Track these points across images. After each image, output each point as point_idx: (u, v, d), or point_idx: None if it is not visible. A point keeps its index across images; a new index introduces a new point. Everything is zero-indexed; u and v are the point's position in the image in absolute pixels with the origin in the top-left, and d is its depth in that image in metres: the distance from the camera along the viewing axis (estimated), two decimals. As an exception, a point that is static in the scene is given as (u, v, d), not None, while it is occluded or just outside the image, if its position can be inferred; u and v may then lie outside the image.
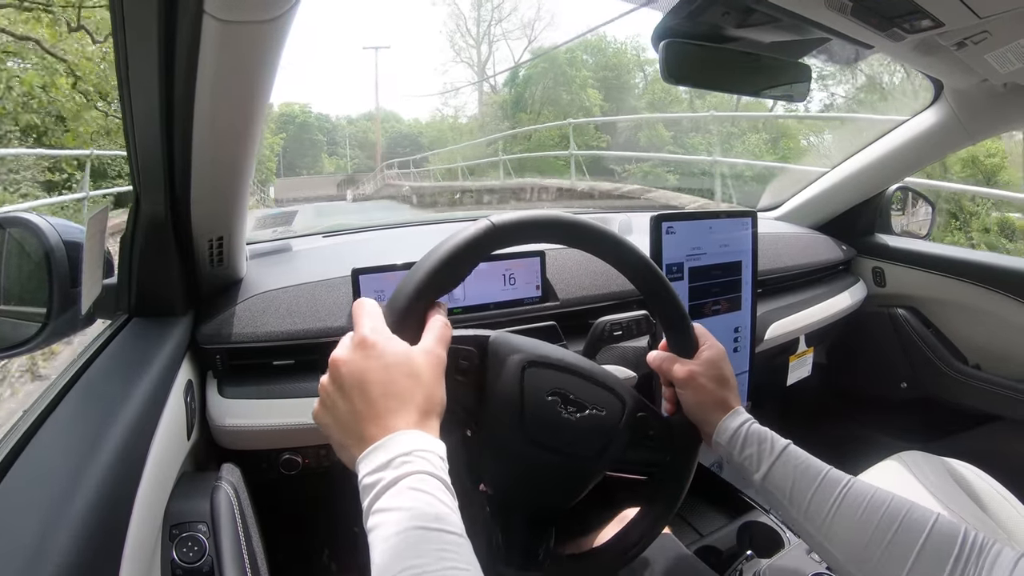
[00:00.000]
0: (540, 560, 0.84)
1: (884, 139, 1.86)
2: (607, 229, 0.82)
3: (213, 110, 0.79)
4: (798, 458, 0.82)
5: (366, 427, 0.60)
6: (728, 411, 0.87)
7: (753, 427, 0.86)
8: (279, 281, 1.20)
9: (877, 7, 0.94)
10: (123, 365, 0.88)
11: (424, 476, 0.56)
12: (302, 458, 1.14)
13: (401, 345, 0.65)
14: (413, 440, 0.59)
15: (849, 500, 0.75)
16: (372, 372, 0.62)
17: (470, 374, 0.78)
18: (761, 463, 0.82)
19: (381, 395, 0.61)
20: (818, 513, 0.77)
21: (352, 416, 0.62)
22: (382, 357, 0.63)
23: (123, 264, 1.00)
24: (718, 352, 0.91)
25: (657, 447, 0.89)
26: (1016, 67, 1.19)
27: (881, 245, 2.08)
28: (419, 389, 0.63)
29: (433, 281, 0.70)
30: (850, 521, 0.74)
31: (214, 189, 0.95)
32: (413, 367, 0.64)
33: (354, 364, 0.63)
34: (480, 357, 0.79)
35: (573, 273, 1.36)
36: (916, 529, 0.70)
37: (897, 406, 2.10)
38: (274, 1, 0.66)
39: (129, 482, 0.72)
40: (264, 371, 1.11)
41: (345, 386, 0.63)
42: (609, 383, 0.85)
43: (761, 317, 1.52)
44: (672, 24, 1.09)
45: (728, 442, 0.86)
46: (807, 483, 0.79)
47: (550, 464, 0.80)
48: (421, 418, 0.61)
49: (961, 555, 0.66)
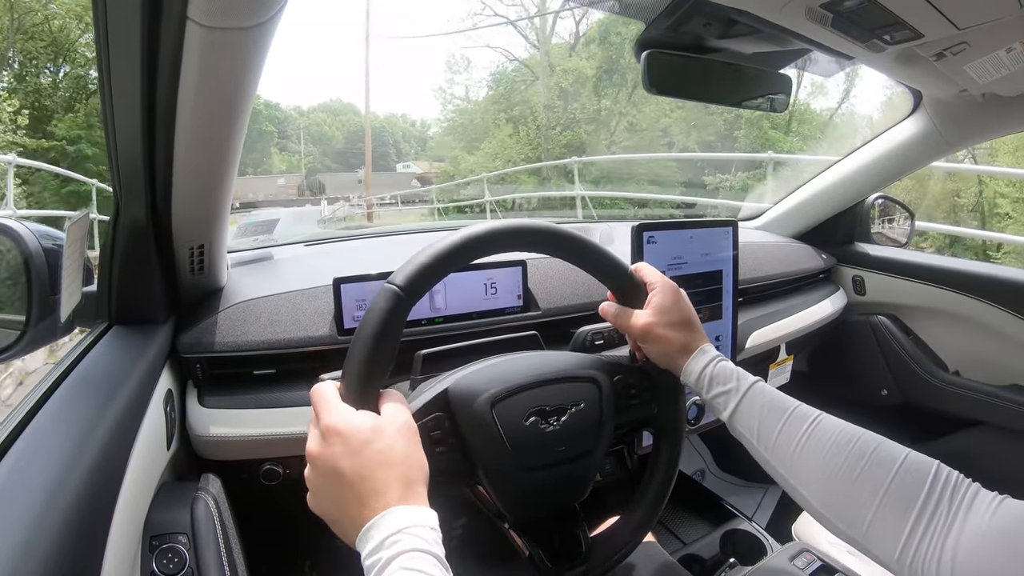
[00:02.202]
0: (584, 552, 0.85)
1: (864, 149, 1.89)
2: (515, 224, 0.80)
3: (195, 116, 0.78)
4: (765, 394, 0.80)
5: (354, 511, 0.60)
6: (692, 352, 0.86)
7: (719, 366, 0.84)
8: (260, 290, 1.19)
9: (857, 19, 0.96)
10: (102, 374, 0.87)
11: (415, 554, 0.56)
12: (283, 468, 1.13)
13: (367, 421, 0.65)
14: (400, 518, 0.58)
15: (817, 435, 0.74)
16: (342, 459, 0.62)
17: (447, 440, 0.77)
18: (729, 402, 0.81)
19: (358, 480, 0.61)
20: (785, 448, 0.75)
21: (339, 504, 0.62)
22: (349, 442, 0.63)
23: (103, 271, 0.99)
24: (670, 293, 0.89)
25: (643, 402, 0.90)
26: (994, 77, 1.21)
27: (861, 254, 2.10)
28: (395, 461, 0.63)
29: (371, 368, 0.69)
30: (817, 456, 0.72)
31: (195, 196, 0.94)
32: (385, 441, 0.64)
33: (325, 456, 0.63)
34: (448, 418, 0.78)
35: (555, 282, 1.36)
36: (885, 464, 0.67)
37: (878, 413, 2.11)
38: (258, 8, 0.66)
39: (108, 493, 0.71)
40: (245, 380, 1.10)
41: (324, 478, 0.63)
42: (575, 373, 0.85)
43: (742, 326, 1.52)
44: (654, 35, 1.10)
45: (695, 383, 0.84)
46: (774, 419, 0.77)
47: (555, 478, 0.80)
48: (405, 491, 0.61)
49: (933, 491, 0.63)
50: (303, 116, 52.74)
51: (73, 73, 16.56)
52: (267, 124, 45.01)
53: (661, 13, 1.05)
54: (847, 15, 0.94)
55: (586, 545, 0.86)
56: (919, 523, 0.62)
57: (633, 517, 0.90)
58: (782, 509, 2.15)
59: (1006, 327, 1.76)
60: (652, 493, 0.91)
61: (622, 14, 1.21)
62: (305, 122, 51.67)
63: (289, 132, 50.46)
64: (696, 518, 1.84)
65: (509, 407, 0.79)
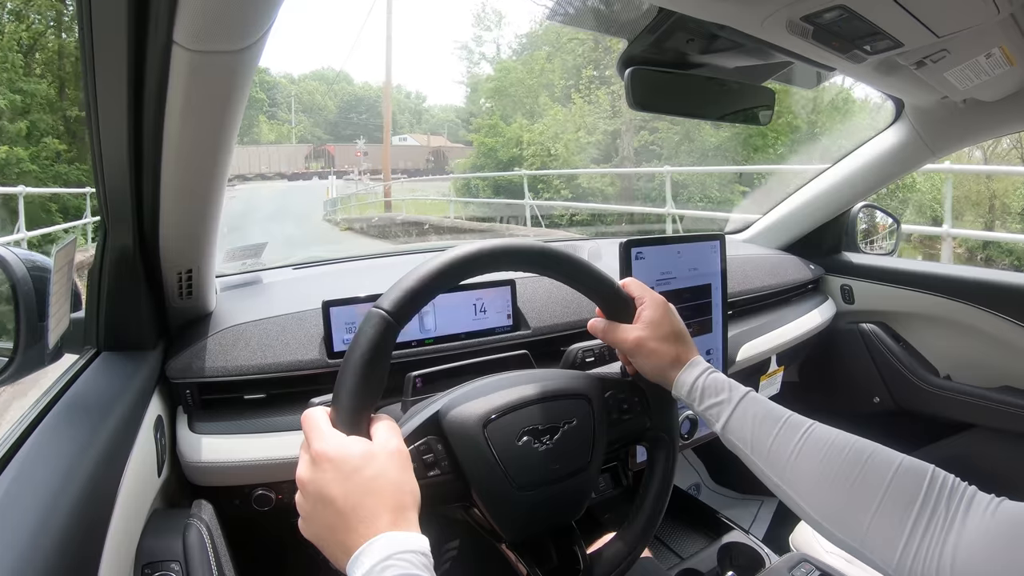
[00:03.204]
0: (582, 569, 0.85)
1: (848, 159, 1.91)
2: (501, 244, 0.80)
3: (182, 140, 0.78)
4: (758, 405, 0.80)
5: (345, 538, 0.60)
6: (683, 365, 0.86)
7: (711, 378, 0.84)
8: (249, 314, 1.18)
9: (837, 30, 0.97)
10: (91, 401, 0.86)
11: None
12: (276, 494, 1.12)
13: (358, 446, 0.64)
14: (390, 544, 0.58)
15: (811, 443, 0.74)
16: (333, 486, 0.62)
17: (440, 462, 0.77)
18: (721, 413, 0.81)
19: (348, 507, 0.61)
20: (779, 458, 0.75)
21: (329, 530, 0.62)
22: (341, 467, 0.62)
23: (91, 297, 0.98)
24: (659, 307, 0.89)
25: (635, 416, 0.90)
26: (975, 83, 1.22)
27: (848, 263, 2.11)
28: (386, 487, 0.62)
29: (361, 394, 0.68)
30: (812, 464, 0.72)
31: (183, 221, 0.94)
32: (376, 468, 0.63)
33: (316, 482, 0.63)
34: (440, 441, 0.78)
35: (544, 301, 1.36)
36: (881, 470, 0.68)
37: (871, 420, 2.12)
38: (244, 32, 0.66)
39: (99, 520, 0.70)
40: (235, 405, 1.10)
41: (315, 504, 0.63)
42: (566, 390, 0.85)
43: (732, 339, 1.53)
44: (637, 52, 1.11)
45: (687, 396, 0.84)
46: (768, 428, 0.77)
47: (550, 496, 0.80)
48: (395, 517, 0.61)
49: (930, 495, 0.64)
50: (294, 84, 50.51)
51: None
52: (257, 90, 41.61)
53: (644, 30, 1.06)
54: (827, 27, 0.95)
55: (584, 562, 0.85)
56: (917, 527, 0.62)
57: (630, 531, 0.90)
58: (779, 520, 2.14)
59: (995, 330, 1.78)
60: (648, 507, 0.90)
61: (605, 32, 1.22)
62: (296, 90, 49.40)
63: (278, 99, 48.10)
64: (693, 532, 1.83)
65: (501, 427, 0.78)
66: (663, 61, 1.14)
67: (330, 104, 50.42)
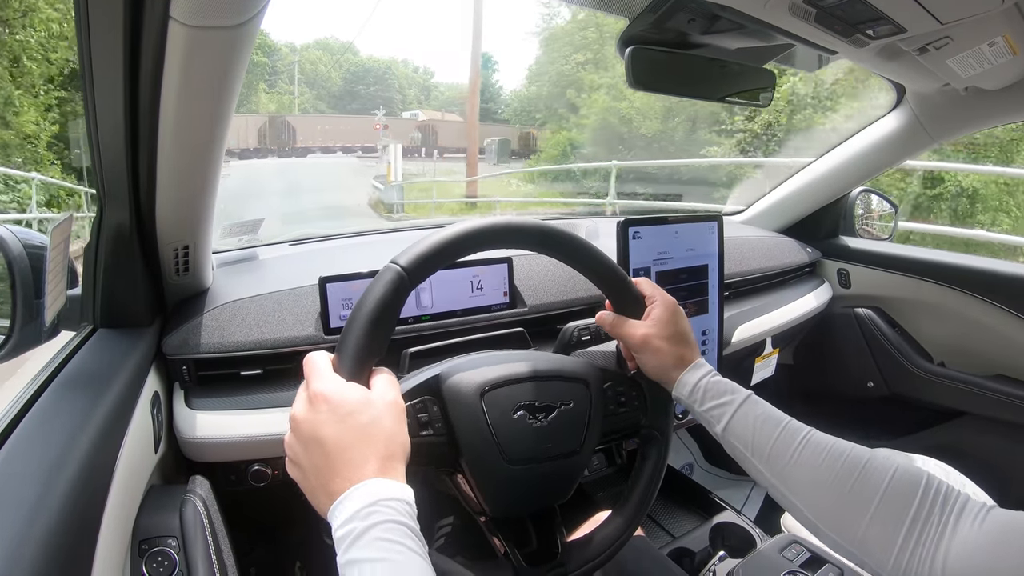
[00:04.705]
0: (559, 554, 0.85)
1: (847, 143, 1.90)
2: (511, 222, 0.81)
3: (178, 117, 0.78)
4: (759, 408, 0.82)
5: (330, 481, 0.60)
6: (687, 366, 0.87)
7: (713, 379, 0.85)
8: (246, 290, 1.18)
9: (840, 14, 0.96)
10: (88, 377, 0.86)
11: (391, 525, 0.56)
12: (271, 469, 1.13)
13: (356, 392, 0.65)
14: (377, 489, 0.59)
15: (810, 449, 0.76)
16: (326, 427, 0.62)
17: (433, 423, 0.77)
18: (723, 415, 0.82)
19: (338, 449, 0.61)
20: (779, 460, 0.77)
21: (316, 471, 0.62)
22: (337, 410, 0.63)
23: (87, 274, 0.98)
24: (669, 307, 0.90)
25: (632, 410, 0.90)
26: (976, 71, 1.22)
27: (845, 247, 2.12)
28: (378, 435, 0.63)
29: (367, 344, 0.69)
30: (811, 469, 0.74)
31: (179, 197, 0.94)
32: (372, 413, 0.64)
33: (309, 421, 0.63)
34: (437, 402, 0.78)
35: (541, 279, 1.36)
36: (877, 477, 0.70)
37: (864, 405, 2.13)
38: (240, 7, 0.65)
39: (96, 497, 0.71)
40: (232, 381, 1.10)
41: (305, 443, 0.63)
42: (567, 372, 0.85)
43: (728, 320, 1.53)
44: (638, 31, 1.10)
45: (688, 396, 0.86)
46: (769, 431, 0.79)
47: (539, 474, 0.80)
48: (383, 465, 0.61)
49: (924, 502, 0.66)
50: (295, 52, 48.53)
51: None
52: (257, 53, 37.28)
53: (645, 9, 1.05)
54: (830, 10, 0.95)
55: (562, 548, 0.86)
56: (912, 533, 0.65)
57: (612, 524, 0.90)
58: (771, 502, 2.15)
59: (990, 318, 1.78)
60: (634, 502, 0.91)
61: (605, 10, 1.21)
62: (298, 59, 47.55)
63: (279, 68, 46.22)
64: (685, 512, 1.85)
65: (498, 398, 0.79)
66: (664, 41, 1.14)
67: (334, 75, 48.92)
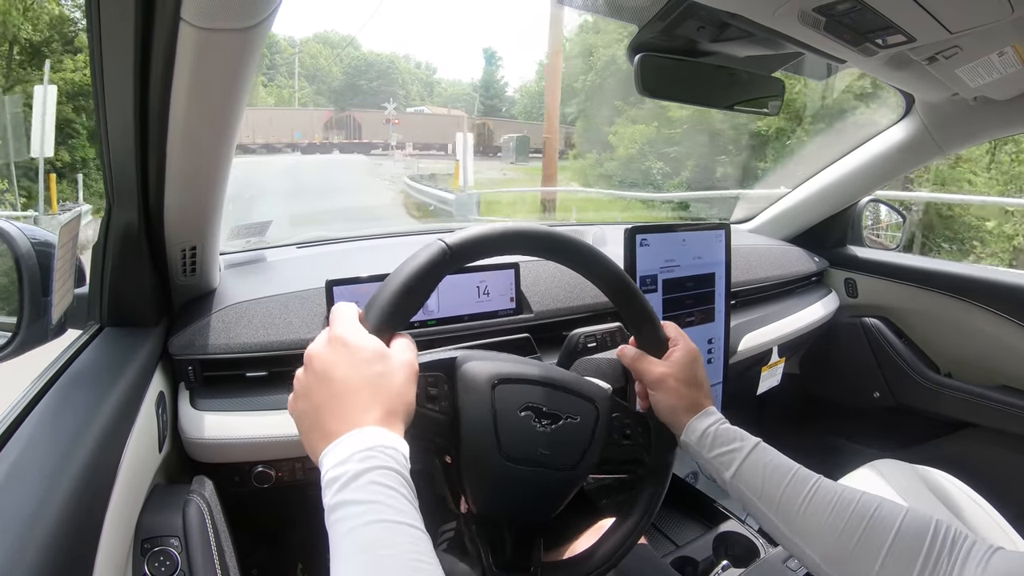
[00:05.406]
0: (533, 572, 0.84)
1: (856, 152, 1.90)
2: (566, 235, 0.82)
3: (188, 118, 0.78)
4: (768, 456, 0.82)
5: (331, 421, 0.61)
6: (698, 412, 0.88)
7: (723, 427, 0.86)
8: (253, 292, 1.19)
9: (850, 23, 0.96)
10: (94, 376, 0.87)
11: (388, 472, 0.56)
12: (275, 471, 1.13)
13: (375, 344, 0.66)
14: (377, 436, 0.59)
15: (819, 497, 0.76)
16: (340, 367, 0.63)
17: (440, 400, 0.77)
18: (732, 462, 0.82)
19: (347, 390, 0.62)
20: (789, 508, 0.77)
21: (319, 410, 0.62)
22: (354, 354, 0.64)
23: (95, 273, 0.98)
24: (690, 353, 0.92)
25: (634, 446, 0.89)
26: (986, 81, 1.21)
27: (853, 256, 2.11)
28: (387, 388, 0.64)
29: (397, 305, 0.70)
30: (821, 518, 0.75)
31: (188, 198, 0.94)
32: (386, 366, 0.65)
33: (323, 359, 0.64)
34: (448, 381, 0.79)
35: (547, 285, 1.36)
36: (886, 525, 0.70)
37: (870, 415, 2.12)
38: (252, 9, 0.66)
39: (100, 496, 0.71)
40: (237, 383, 1.10)
41: (315, 379, 0.64)
42: (581, 389, 0.85)
43: (734, 328, 1.53)
44: (647, 38, 1.10)
45: (697, 442, 0.86)
46: (777, 480, 0.79)
47: (531, 479, 0.79)
48: (386, 416, 0.62)
49: (932, 548, 0.67)
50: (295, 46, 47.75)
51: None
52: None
53: (654, 16, 1.05)
54: (840, 19, 0.95)
55: (536, 565, 0.85)
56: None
57: (591, 557, 0.90)
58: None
59: (997, 330, 1.77)
60: (619, 536, 0.90)
61: (616, 17, 1.21)
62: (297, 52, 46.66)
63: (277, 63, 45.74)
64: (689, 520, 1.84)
65: (509, 393, 0.79)
66: (673, 48, 1.14)
67: (335, 70, 48.43)
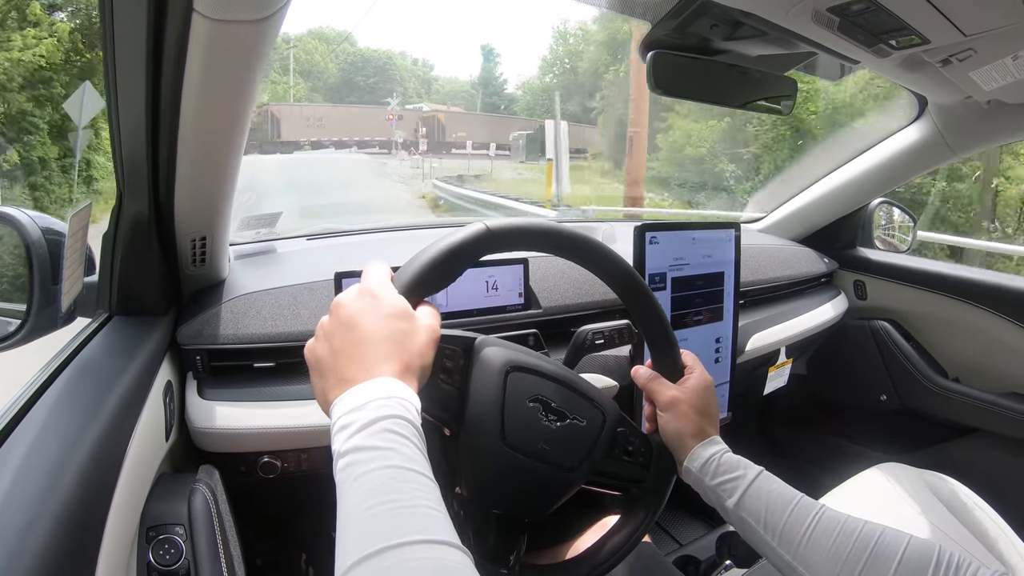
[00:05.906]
0: (512, 566, 0.84)
1: (868, 154, 1.88)
2: (601, 244, 0.83)
3: (199, 109, 0.78)
4: (771, 485, 0.83)
5: (348, 368, 0.62)
6: (704, 439, 0.89)
7: (727, 455, 0.87)
8: (262, 283, 1.19)
9: (864, 23, 0.95)
10: (102, 364, 0.87)
11: (401, 420, 0.57)
12: (281, 462, 1.13)
13: (403, 302, 0.67)
14: (392, 387, 0.60)
15: (822, 526, 0.76)
16: (366, 317, 0.64)
17: (453, 374, 0.78)
18: (735, 490, 0.83)
19: (370, 341, 0.63)
20: (792, 537, 0.77)
21: (337, 354, 0.64)
22: (381, 307, 0.65)
23: (105, 262, 0.99)
24: (704, 382, 0.93)
25: (635, 464, 0.90)
26: (1000, 84, 1.20)
27: (863, 258, 2.10)
28: (408, 345, 0.65)
29: (431, 272, 0.72)
30: (824, 546, 0.75)
31: (198, 188, 0.94)
32: (410, 324, 0.66)
33: (350, 307, 0.66)
34: (464, 358, 0.79)
35: (556, 281, 1.36)
36: (889, 554, 0.71)
37: (877, 418, 2.11)
38: (265, 1, 0.66)
39: (106, 483, 0.71)
40: (244, 373, 1.11)
41: (340, 325, 0.65)
42: (591, 395, 0.85)
43: (743, 328, 1.52)
44: (660, 35, 1.10)
45: (700, 468, 0.87)
46: (780, 509, 0.79)
47: (527, 471, 0.79)
48: (403, 371, 0.63)
49: (936, 574, 0.67)
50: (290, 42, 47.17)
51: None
52: None
53: (668, 14, 1.05)
54: (853, 19, 0.94)
55: (516, 562, 0.85)
56: None
57: (578, 569, 0.90)
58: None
59: (1006, 335, 1.76)
60: (604, 552, 0.91)
61: (629, 14, 1.21)
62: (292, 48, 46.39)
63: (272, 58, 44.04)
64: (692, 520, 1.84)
65: (521, 381, 0.79)
66: (686, 46, 1.13)
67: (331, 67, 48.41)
